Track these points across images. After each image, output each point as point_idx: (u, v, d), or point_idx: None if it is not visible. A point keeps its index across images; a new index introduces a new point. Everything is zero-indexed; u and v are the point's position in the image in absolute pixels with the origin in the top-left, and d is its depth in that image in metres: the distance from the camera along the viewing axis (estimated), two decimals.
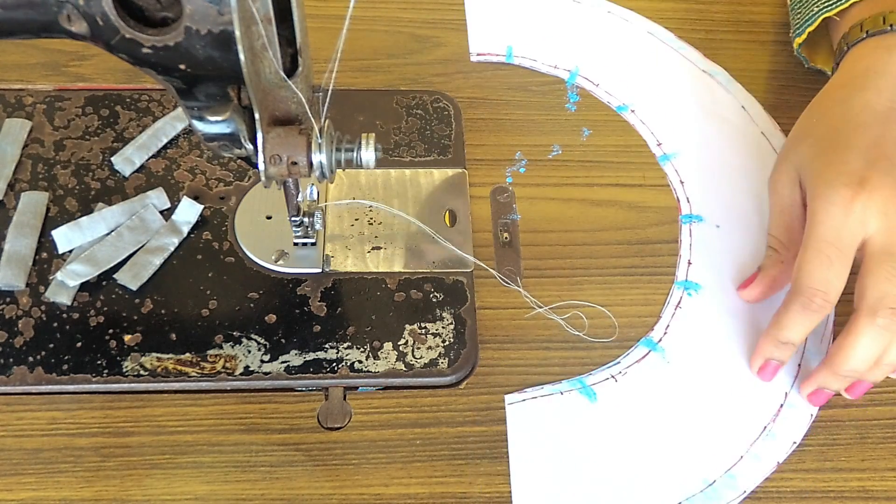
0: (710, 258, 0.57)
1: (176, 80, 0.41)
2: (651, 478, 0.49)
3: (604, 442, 0.50)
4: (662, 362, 0.53)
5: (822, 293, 0.48)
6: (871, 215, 0.47)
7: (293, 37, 0.41)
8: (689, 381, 0.52)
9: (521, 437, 0.50)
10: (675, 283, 0.56)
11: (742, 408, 0.52)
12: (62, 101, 0.61)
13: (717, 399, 0.52)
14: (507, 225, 0.58)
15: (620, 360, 0.53)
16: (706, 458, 0.50)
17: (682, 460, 0.49)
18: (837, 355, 0.49)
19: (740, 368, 0.53)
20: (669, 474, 0.49)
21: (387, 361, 0.51)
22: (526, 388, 0.52)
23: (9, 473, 0.47)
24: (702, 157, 0.62)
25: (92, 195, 0.56)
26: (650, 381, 0.52)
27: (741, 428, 0.51)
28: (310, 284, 0.54)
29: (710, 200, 0.60)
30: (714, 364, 0.53)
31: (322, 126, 0.44)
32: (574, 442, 0.50)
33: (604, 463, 0.49)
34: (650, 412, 0.51)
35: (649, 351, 0.53)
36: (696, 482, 0.49)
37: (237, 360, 0.51)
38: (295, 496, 0.48)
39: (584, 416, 0.51)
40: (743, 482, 0.49)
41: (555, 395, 0.51)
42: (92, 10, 0.38)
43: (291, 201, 0.51)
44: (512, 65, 0.66)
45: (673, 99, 0.65)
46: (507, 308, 0.55)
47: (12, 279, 0.52)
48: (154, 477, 0.48)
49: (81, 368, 0.50)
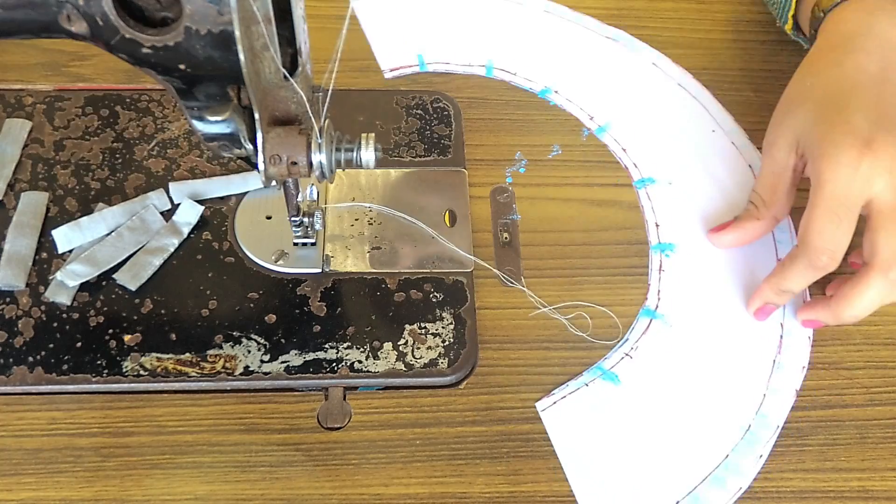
0: (674, 216, 0.59)
1: (176, 80, 0.41)
2: (694, 440, 0.50)
3: (640, 419, 0.51)
4: (666, 327, 0.54)
5: (830, 251, 0.49)
6: (878, 174, 0.48)
7: (293, 37, 0.41)
8: (694, 339, 0.54)
9: (564, 438, 0.50)
10: (650, 247, 0.57)
11: (747, 348, 0.54)
12: (62, 101, 0.61)
13: (724, 348, 0.54)
14: (507, 225, 0.58)
15: (628, 337, 0.54)
16: (735, 406, 0.51)
17: (716, 415, 0.51)
18: (843, 301, 0.50)
19: (735, 314, 0.55)
20: (709, 431, 0.51)
21: (387, 361, 0.51)
22: (550, 389, 0.52)
23: (9, 473, 0.47)
24: (632, 122, 0.64)
25: (92, 195, 0.56)
26: (661, 349, 0.53)
27: (754, 367, 0.53)
28: (310, 284, 0.54)
29: (655, 161, 0.61)
30: (710, 315, 0.55)
31: (322, 126, 0.44)
32: (613, 427, 0.51)
33: (647, 439, 0.50)
34: (671, 379, 0.52)
35: (651, 320, 0.54)
36: (735, 431, 0.51)
37: (237, 360, 0.51)
38: (295, 496, 0.48)
39: (613, 400, 0.52)
40: (774, 419, 0.51)
41: (581, 389, 0.52)
42: (92, 10, 0.38)
43: (291, 201, 0.51)
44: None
45: (590, 73, 0.66)
46: (507, 308, 0.55)
47: (12, 279, 0.52)
48: (154, 477, 0.48)
49: (81, 368, 0.50)
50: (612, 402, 0.52)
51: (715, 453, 0.50)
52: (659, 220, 0.59)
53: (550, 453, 0.50)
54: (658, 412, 0.51)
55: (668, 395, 0.52)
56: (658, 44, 0.69)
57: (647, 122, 0.63)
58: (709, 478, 0.49)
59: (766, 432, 0.51)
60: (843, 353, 0.54)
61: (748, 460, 0.50)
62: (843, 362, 0.54)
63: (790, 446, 0.51)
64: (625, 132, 0.63)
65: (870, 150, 0.48)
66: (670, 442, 0.50)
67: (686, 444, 0.50)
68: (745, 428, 0.51)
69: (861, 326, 0.54)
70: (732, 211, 0.58)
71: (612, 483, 0.49)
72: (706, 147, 0.57)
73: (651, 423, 0.51)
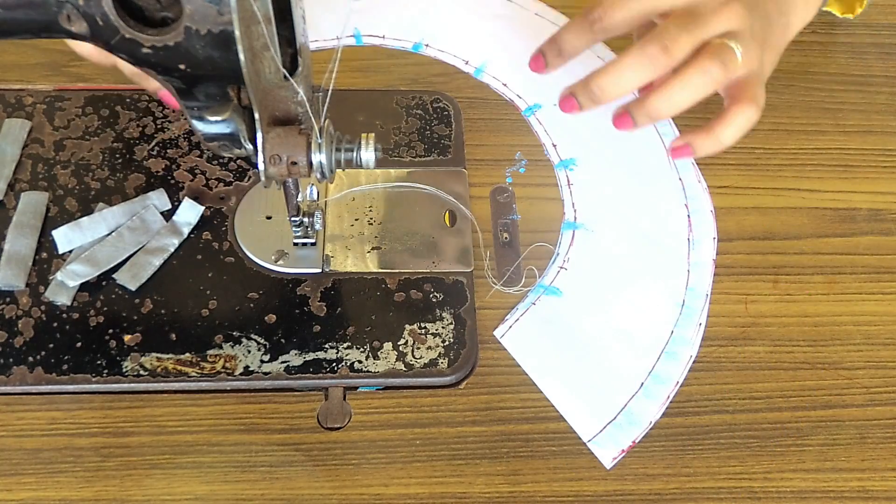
0: (567, 133, 0.63)
1: (176, 80, 0.41)
2: (640, 326, 0.55)
3: (588, 321, 0.54)
4: (588, 234, 0.58)
5: (601, 11, 0.48)
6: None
7: (293, 37, 0.41)
8: (615, 237, 0.58)
9: (527, 356, 0.53)
10: (554, 166, 0.61)
11: (663, 233, 0.58)
12: (62, 101, 0.61)
13: (643, 238, 0.58)
14: (507, 225, 0.58)
15: (558, 251, 0.57)
16: (667, 286, 0.56)
17: (652, 298, 0.55)
18: (605, 72, 0.48)
19: (644, 205, 0.59)
20: (651, 314, 0.55)
21: (387, 361, 0.51)
22: (503, 320, 0.54)
23: (9, 473, 0.47)
24: (511, 60, 0.66)
25: (92, 195, 0.56)
26: (589, 255, 0.57)
27: (673, 249, 0.57)
28: (310, 284, 0.54)
29: (536, 89, 0.64)
30: (622, 213, 0.59)
31: (322, 126, 0.44)
32: (567, 335, 0.54)
33: (599, 337, 0.54)
34: (606, 279, 0.56)
35: (574, 231, 0.58)
36: (672, 308, 0.55)
37: (237, 360, 0.51)
38: (295, 496, 0.48)
39: (560, 311, 0.55)
40: (701, 289, 0.56)
41: (530, 309, 0.55)
42: (92, 10, 0.38)
43: (291, 201, 0.51)
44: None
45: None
46: (507, 308, 0.55)
47: (12, 279, 0.52)
48: (154, 477, 0.48)
49: (81, 368, 0.50)
50: (559, 312, 0.55)
51: (661, 332, 0.54)
52: (555, 140, 0.62)
53: (550, 453, 0.50)
54: (602, 311, 0.55)
55: (606, 294, 0.56)
56: None
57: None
58: (662, 355, 0.53)
59: (699, 301, 0.56)
60: (843, 353, 0.54)
61: (690, 331, 0.54)
62: (843, 362, 0.54)
63: (790, 446, 0.51)
64: (551, 118, 0.64)
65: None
66: (620, 334, 0.54)
67: (634, 331, 0.54)
68: (681, 303, 0.55)
69: (861, 327, 0.54)
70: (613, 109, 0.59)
71: (582, 384, 0.52)
72: (577, 64, 0.57)
73: (599, 322, 0.54)
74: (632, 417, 0.51)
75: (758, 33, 0.49)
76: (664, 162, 0.62)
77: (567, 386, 0.52)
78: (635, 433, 0.51)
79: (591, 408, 0.51)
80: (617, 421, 0.51)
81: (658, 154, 0.62)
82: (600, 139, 0.60)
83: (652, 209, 0.59)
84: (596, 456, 0.50)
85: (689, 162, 0.62)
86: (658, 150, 0.62)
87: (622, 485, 0.49)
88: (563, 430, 0.51)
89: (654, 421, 0.51)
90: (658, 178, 0.61)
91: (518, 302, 0.55)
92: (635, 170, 0.61)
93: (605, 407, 0.51)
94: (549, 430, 0.51)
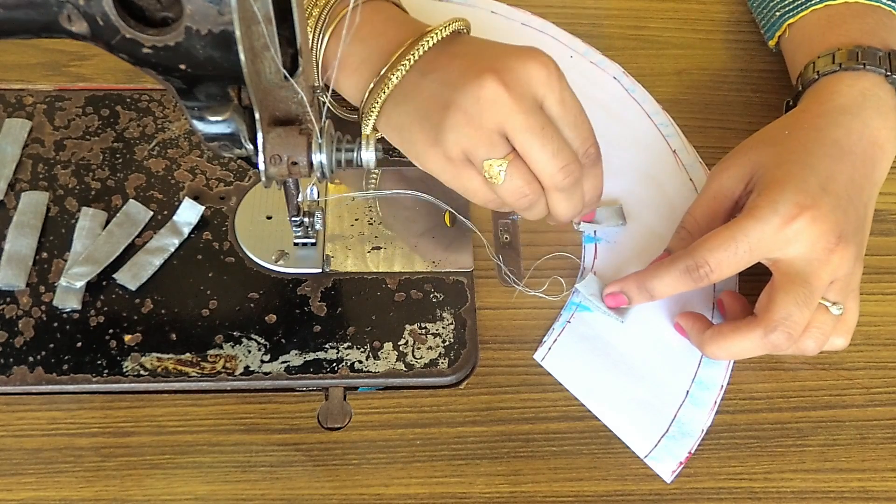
0: None
1: (176, 80, 0.41)
2: (674, 332, 0.54)
3: (623, 333, 0.54)
4: (609, 246, 0.57)
5: (710, 268, 0.49)
6: (800, 239, 0.48)
7: (293, 37, 0.41)
8: (637, 246, 0.57)
9: (571, 376, 0.52)
10: None
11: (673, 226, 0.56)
12: (62, 101, 0.61)
13: (657, 238, 0.57)
14: (507, 225, 0.58)
15: (583, 266, 0.57)
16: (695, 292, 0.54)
17: (683, 303, 0.55)
18: (717, 338, 0.51)
19: (661, 214, 0.59)
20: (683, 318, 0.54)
21: (387, 361, 0.51)
22: (540, 341, 0.54)
23: (9, 473, 0.47)
24: None
25: (92, 195, 0.56)
26: (614, 266, 0.56)
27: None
28: (310, 284, 0.54)
29: None
30: (640, 221, 0.59)
31: (322, 126, 0.44)
32: (605, 349, 0.53)
33: (637, 348, 0.53)
34: None
35: (595, 245, 0.57)
36: (706, 311, 0.55)
37: (237, 360, 0.51)
38: (295, 496, 0.48)
39: (595, 326, 0.54)
40: (729, 285, 0.56)
41: (566, 327, 0.54)
42: (92, 10, 0.38)
43: (291, 201, 0.51)
44: None
45: None
46: (507, 308, 0.55)
47: (12, 279, 0.52)
48: (154, 477, 0.48)
49: (81, 368, 0.50)
50: (594, 328, 0.54)
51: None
52: None
53: (551, 453, 0.50)
54: (637, 321, 0.54)
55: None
56: (658, 44, 0.69)
57: None
58: (702, 359, 0.53)
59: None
60: (843, 353, 0.54)
61: None
62: (843, 363, 0.54)
63: (790, 446, 0.51)
64: None
65: (807, 214, 0.48)
66: (658, 343, 0.54)
67: (671, 339, 0.54)
68: (712, 307, 0.55)
69: (861, 327, 0.54)
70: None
71: (628, 399, 0.52)
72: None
73: (635, 334, 0.54)
74: (683, 427, 0.51)
75: (857, 269, 0.51)
76: (672, 164, 0.61)
77: (614, 402, 0.51)
78: (689, 444, 0.50)
79: (642, 422, 0.51)
80: (670, 433, 0.51)
81: (666, 157, 0.61)
82: (602, 140, 0.60)
83: (667, 214, 0.58)
84: (656, 472, 0.49)
85: (699, 164, 0.61)
86: (666, 154, 0.61)
87: (622, 485, 0.49)
88: (563, 430, 0.51)
89: (705, 429, 0.51)
90: (667, 180, 0.60)
91: (518, 303, 0.55)
92: (643, 172, 0.60)
93: (656, 420, 0.51)
94: (549, 430, 0.51)
